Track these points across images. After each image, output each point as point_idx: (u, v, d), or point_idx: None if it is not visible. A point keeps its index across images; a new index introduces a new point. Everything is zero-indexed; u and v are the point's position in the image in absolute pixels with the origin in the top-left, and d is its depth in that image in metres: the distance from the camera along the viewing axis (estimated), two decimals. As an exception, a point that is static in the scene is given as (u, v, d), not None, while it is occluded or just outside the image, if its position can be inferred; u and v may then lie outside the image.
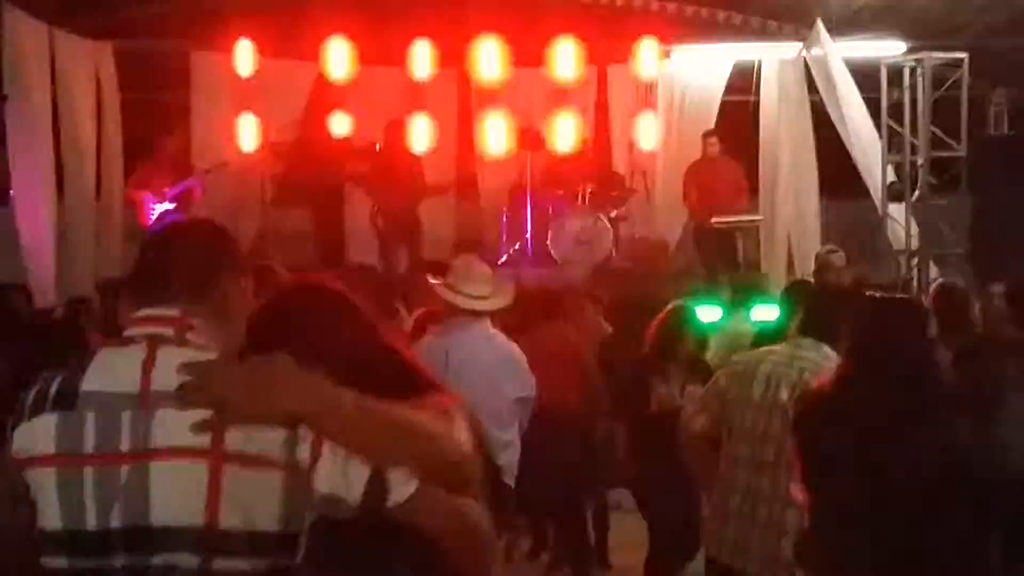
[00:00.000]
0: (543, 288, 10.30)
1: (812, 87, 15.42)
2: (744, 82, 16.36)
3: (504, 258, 14.89)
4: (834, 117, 14.70)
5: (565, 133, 15.32)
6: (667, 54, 16.04)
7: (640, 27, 15.78)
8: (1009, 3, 14.65)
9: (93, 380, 2.71)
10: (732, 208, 14.72)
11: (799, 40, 15.80)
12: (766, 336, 7.07)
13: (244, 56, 15.28)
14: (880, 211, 14.50)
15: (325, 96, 15.52)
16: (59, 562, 2.69)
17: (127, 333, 2.80)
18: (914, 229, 14.25)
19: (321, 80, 15.60)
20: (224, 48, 15.44)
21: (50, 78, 14.14)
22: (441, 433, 2.79)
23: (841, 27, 14.83)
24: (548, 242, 14.46)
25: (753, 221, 15.16)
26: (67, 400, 2.69)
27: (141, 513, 2.61)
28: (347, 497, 2.64)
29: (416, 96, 15.61)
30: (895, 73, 14.63)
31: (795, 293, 7.03)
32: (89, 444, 2.66)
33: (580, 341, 9.14)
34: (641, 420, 8.16)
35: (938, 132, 14.27)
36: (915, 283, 13.86)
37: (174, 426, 2.61)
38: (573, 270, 13.83)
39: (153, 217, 14.09)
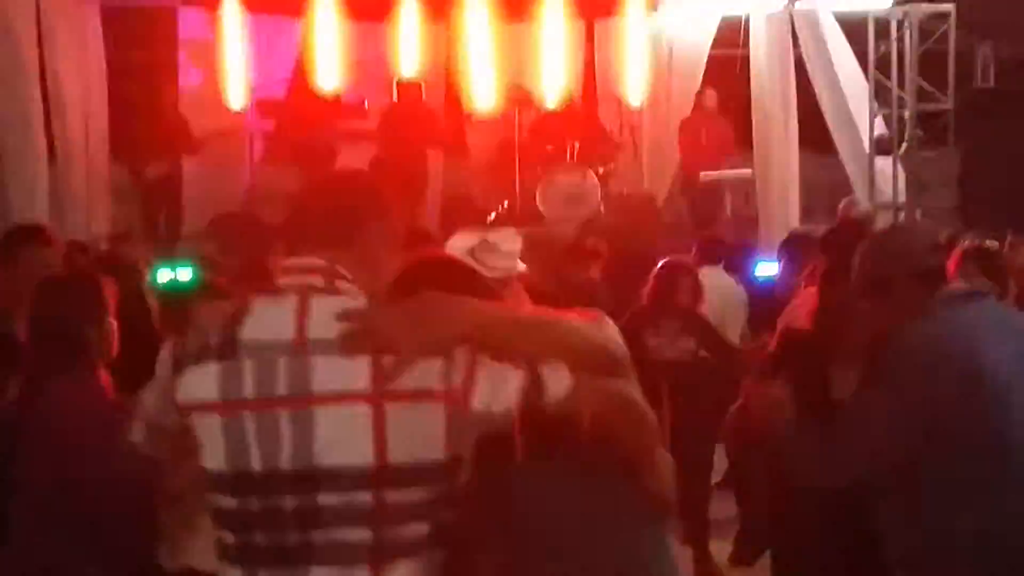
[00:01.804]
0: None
1: (795, 41, 15.43)
2: (731, 37, 16.34)
3: (493, 216, 14.89)
4: (816, 71, 14.71)
5: (552, 89, 15.35)
6: (654, 7, 16.02)
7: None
8: (996, -46, 14.69)
9: (250, 329, 2.82)
10: (720, 162, 14.76)
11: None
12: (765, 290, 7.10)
13: (231, 12, 15.23)
14: (867, 164, 14.50)
15: (313, 53, 15.46)
16: (228, 502, 2.82)
17: (279, 283, 2.89)
18: (901, 183, 14.29)
19: (308, 37, 15.55)
20: (211, 5, 15.38)
21: (37, 38, 14.05)
22: (589, 327, 2.89)
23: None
24: (537, 199, 14.46)
25: (741, 176, 15.18)
26: (227, 349, 2.81)
27: (307, 456, 2.73)
28: (506, 407, 2.71)
29: (403, 53, 15.61)
30: (882, 26, 14.63)
31: (799, 245, 7.04)
32: (249, 390, 2.77)
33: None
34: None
35: (925, 85, 14.29)
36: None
37: (333, 372, 2.71)
38: (562, 226, 13.84)
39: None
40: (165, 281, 8.30)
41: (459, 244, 7.17)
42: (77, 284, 4.94)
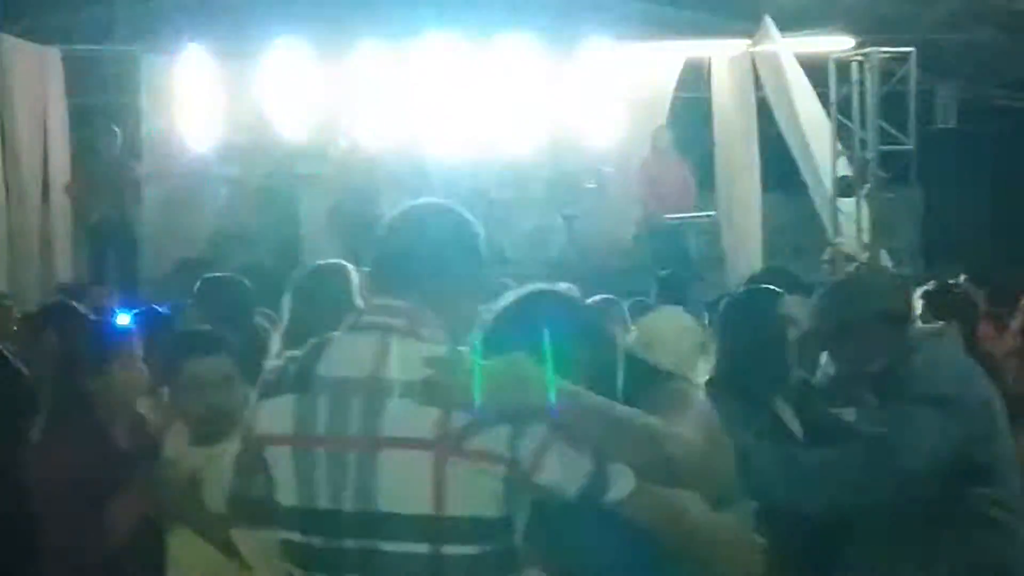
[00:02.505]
0: None
1: (756, 83, 15.52)
2: (694, 79, 16.43)
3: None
4: (779, 113, 14.79)
5: (516, 131, 15.37)
6: (618, 51, 16.07)
7: (590, 24, 15.82)
8: (954, -4, 14.82)
9: (328, 365, 2.81)
10: (681, 203, 14.80)
11: (746, 36, 15.88)
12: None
13: (194, 58, 15.24)
14: (830, 204, 14.55)
15: (277, 96, 15.46)
16: (295, 536, 2.82)
17: (363, 320, 2.88)
18: (864, 223, 14.34)
19: (272, 80, 15.55)
20: (174, 50, 15.38)
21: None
22: (671, 434, 2.77)
23: (788, 23, 14.94)
24: (502, 243, 14.44)
25: (705, 217, 15.23)
26: (304, 382, 2.81)
27: (370, 498, 2.71)
28: (566, 491, 2.69)
29: (368, 94, 15.61)
30: (842, 68, 14.73)
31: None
32: (322, 426, 2.77)
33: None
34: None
35: (887, 126, 14.38)
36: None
37: (403, 416, 2.70)
38: (526, 269, 13.83)
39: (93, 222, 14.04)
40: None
41: None
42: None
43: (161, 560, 4.37)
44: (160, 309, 7.33)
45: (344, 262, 4.99)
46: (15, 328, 7.90)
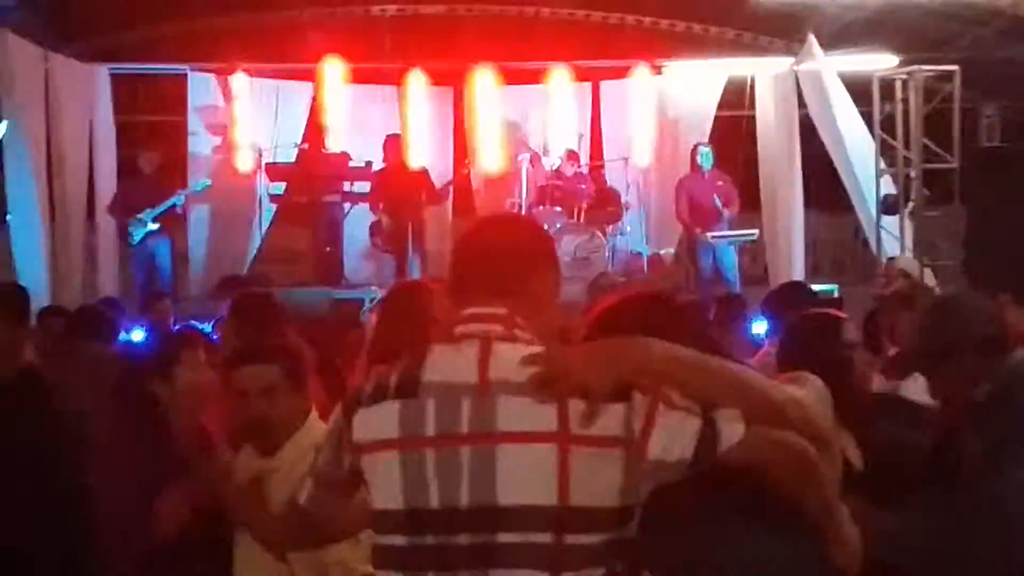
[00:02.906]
0: None
1: (800, 102, 15.52)
2: (738, 97, 16.46)
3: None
4: (824, 131, 14.77)
5: (560, 149, 15.46)
6: (660, 70, 16.15)
7: (633, 44, 15.91)
8: (998, 15, 14.76)
9: (432, 371, 2.84)
10: (722, 221, 14.84)
11: (790, 54, 15.90)
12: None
13: (240, 78, 15.42)
14: (874, 222, 14.52)
15: (322, 116, 15.61)
16: (397, 540, 2.83)
17: (459, 330, 2.91)
18: (908, 241, 14.30)
19: (318, 100, 15.72)
20: (220, 70, 15.56)
21: (44, 102, 14.20)
22: (764, 379, 2.84)
23: (832, 41, 14.93)
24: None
25: (747, 235, 15.21)
26: (408, 389, 2.84)
27: (488, 493, 2.73)
28: (680, 455, 2.72)
29: (412, 114, 15.77)
30: (887, 86, 14.69)
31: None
32: (430, 428, 2.79)
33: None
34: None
35: (931, 144, 14.33)
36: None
37: (519, 413, 2.73)
38: (570, 286, 13.86)
39: (136, 240, 14.10)
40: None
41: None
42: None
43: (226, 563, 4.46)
44: (199, 326, 7.43)
45: (424, 280, 5.06)
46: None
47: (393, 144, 15.06)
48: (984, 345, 3.99)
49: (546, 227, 14.64)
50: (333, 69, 15.41)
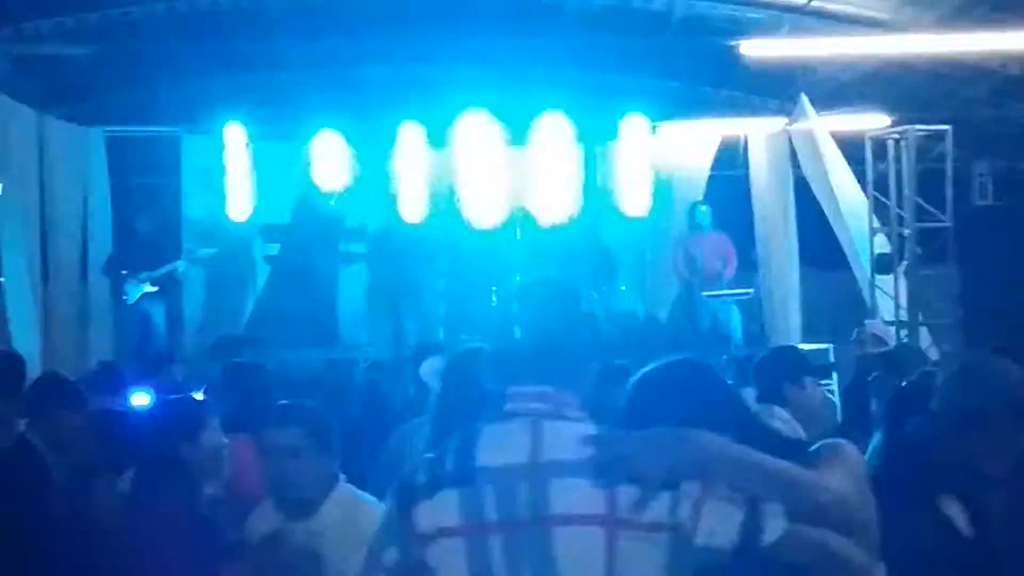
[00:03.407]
0: None
1: (794, 161, 15.57)
2: (731, 157, 16.52)
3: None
4: (817, 190, 14.80)
5: (554, 209, 15.47)
6: (654, 129, 16.19)
7: (627, 104, 15.96)
8: (989, 75, 14.83)
9: (486, 455, 2.88)
10: (720, 280, 14.86)
11: (783, 115, 15.96)
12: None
13: (235, 139, 15.43)
14: (868, 281, 14.52)
15: (317, 177, 15.62)
16: None
17: (507, 408, 2.93)
18: (903, 300, 14.30)
19: (312, 162, 15.73)
20: (216, 131, 15.59)
21: (38, 164, 14.19)
22: (810, 477, 2.88)
23: (824, 101, 14.99)
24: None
25: (743, 293, 15.24)
26: (465, 475, 2.87)
27: (552, 574, 2.78)
28: (724, 543, 2.76)
29: (407, 174, 15.79)
30: (879, 146, 14.75)
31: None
32: (492, 514, 2.83)
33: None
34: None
35: (924, 203, 14.36)
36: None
37: (571, 495, 2.77)
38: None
39: (132, 300, 14.12)
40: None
41: (430, 368, 7.24)
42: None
43: None
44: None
45: (481, 345, 5.09)
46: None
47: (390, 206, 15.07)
48: (1012, 411, 3.82)
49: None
50: (328, 137, 15.43)
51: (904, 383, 5.08)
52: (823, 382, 8.49)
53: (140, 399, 8.29)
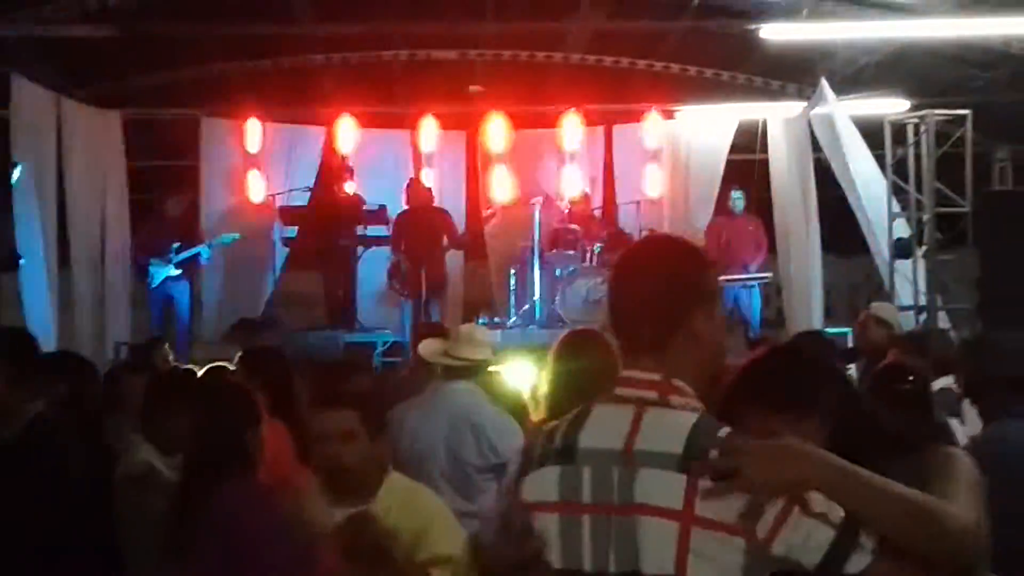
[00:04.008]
0: None
1: (815, 145, 15.53)
2: (750, 141, 16.48)
3: (513, 318, 14.95)
4: (839, 174, 14.76)
5: (572, 193, 15.49)
6: (672, 114, 16.19)
7: (645, 88, 15.96)
8: (1010, 59, 14.77)
9: (588, 436, 2.93)
10: (750, 265, 14.92)
11: (802, 99, 15.93)
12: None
13: (253, 124, 15.48)
14: (888, 266, 14.49)
15: (335, 160, 15.65)
16: None
17: (616, 392, 2.95)
18: (921, 285, 14.26)
19: (331, 144, 15.77)
20: (234, 115, 15.62)
21: (56, 146, 14.23)
22: (935, 510, 2.76)
23: (844, 85, 14.94)
24: (556, 303, 14.49)
25: (762, 278, 15.22)
26: (568, 454, 2.94)
27: (632, 561, 2.82)
28: (804, 561, 2.71)
29: (425, 159, 15.85)
30: (899, 130, 14.69)
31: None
32: (586, 495, 2.89)
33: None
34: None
35: (943, 188, 14.32)
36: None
37: (653, 485, 2.79)
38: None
39: (156, 282, 14.20)
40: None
41: (429, 348, 7.24)
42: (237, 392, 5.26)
43: None
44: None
45: (597, 328, 5.12)
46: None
47: (415, 187, 15.08)
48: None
49: (558, 272, 14.68)
50: (347, 121, 15.47)
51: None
52: (848, 366, 8.47)
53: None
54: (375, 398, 5.00)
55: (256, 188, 15.66)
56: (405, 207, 14.88)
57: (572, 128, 15.98)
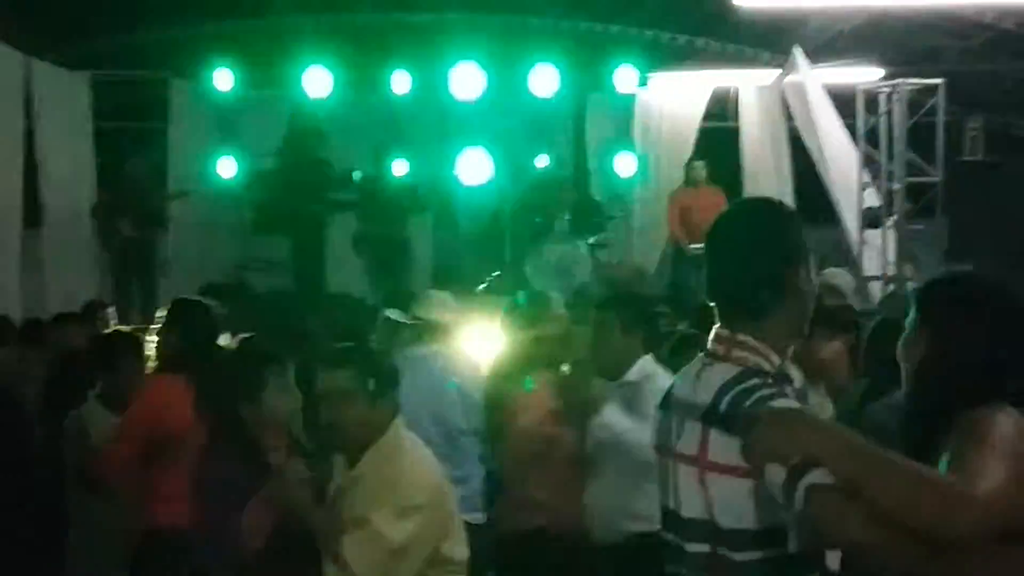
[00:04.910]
0: None
1: (788, 114, 15.47)
2: (723, 109, 16.43)
3: (484, 285, 14.88)
4: (809, 143, 14.70)
5: (543, 160, 15.42)
6: (645, 81, 16.10)
7: (618, 54, 15.86)
8: (984, 29, 14.74)
9: (679, 386, 3.24)
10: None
11: (776, 67, 15.87)
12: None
13: (223, 83, 15.35)
14: (856, 236, 14.46)
15: (304, 124, 15.55)
16: (669, 536, 3.21)
17: (709, 347, 3.17)
18: (891, 255, 14.24)
19: (300, 108, 15.65)
20: (203, 77, 15.50)
21: (23, 107, 14.09)
22: (936, 483, 2.75)
23: (818, 53, 14.89)
24: (526, 270, 14.42)
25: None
26: (666, 400, 3.27)
27: (675, 503, 3.14)
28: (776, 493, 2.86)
29: (395, 123, 15.73)
30: (870, 99, 14.64)
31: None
32: (671, 439, 3.17)
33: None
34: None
35: (914, 158, 14.28)
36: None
37: (685, 435, 3.08)
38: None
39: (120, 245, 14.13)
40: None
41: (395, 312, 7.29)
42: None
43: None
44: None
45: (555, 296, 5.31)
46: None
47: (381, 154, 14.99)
48: None
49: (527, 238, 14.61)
50: (317, 77, 15.32)
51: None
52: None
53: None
54: (379, 355, 5.01)
55: (224, 150, 15.53)
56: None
57: (544, 89, 15.78)
